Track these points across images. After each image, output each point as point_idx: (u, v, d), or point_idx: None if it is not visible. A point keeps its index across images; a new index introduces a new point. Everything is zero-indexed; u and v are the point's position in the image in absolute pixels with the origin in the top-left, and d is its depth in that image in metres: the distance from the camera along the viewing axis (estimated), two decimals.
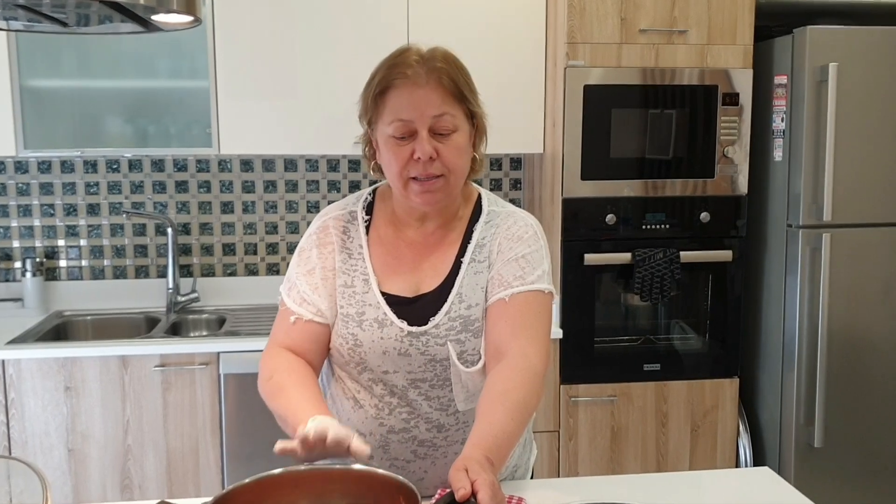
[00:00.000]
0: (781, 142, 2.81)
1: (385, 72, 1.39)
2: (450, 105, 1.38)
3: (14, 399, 2.54)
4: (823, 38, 2.68)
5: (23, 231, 3.09)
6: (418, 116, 1.36)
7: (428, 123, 1.37)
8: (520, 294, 1.41)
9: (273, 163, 3.17)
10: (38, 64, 2.78)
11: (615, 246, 2.80)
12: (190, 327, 3.04)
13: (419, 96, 1.36)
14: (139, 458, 2.61)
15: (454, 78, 1.39)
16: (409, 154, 1.38)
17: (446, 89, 1.38)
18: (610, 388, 2.84)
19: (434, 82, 1.37)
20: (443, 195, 1.42)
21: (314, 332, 1.46)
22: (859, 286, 2.77)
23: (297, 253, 1.52)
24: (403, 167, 1.39)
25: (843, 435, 2.80)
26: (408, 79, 1.37)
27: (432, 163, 1.38)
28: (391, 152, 1.40)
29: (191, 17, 1.26)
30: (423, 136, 1.37)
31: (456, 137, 1.40)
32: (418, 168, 1.38)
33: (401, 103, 1.37)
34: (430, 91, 1.37)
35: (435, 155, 1.37)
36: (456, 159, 1.40)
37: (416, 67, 1.37)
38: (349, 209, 1.53)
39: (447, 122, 1.38)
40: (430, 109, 1.36)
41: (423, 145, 1.36)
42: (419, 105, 1.36)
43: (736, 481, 1.59)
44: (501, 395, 1.28)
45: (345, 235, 1.50)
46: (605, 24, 2.71)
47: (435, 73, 1.37)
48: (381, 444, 1.48)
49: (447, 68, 1.39)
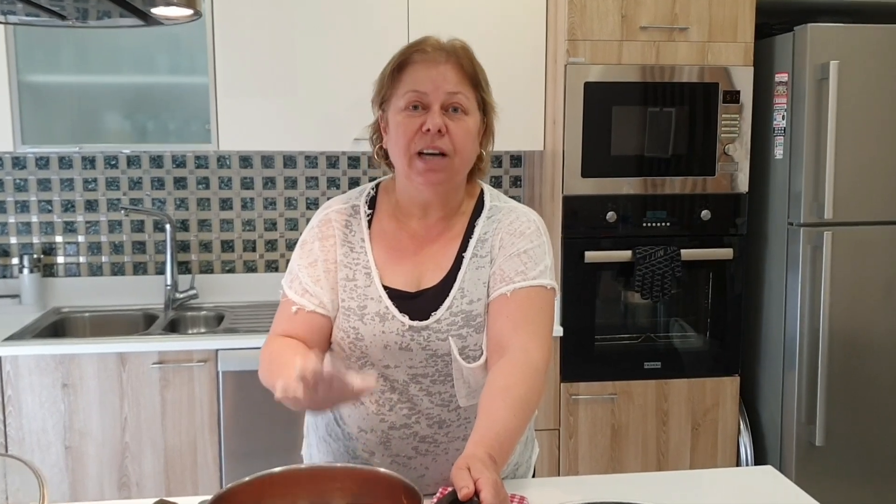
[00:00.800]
0: (782, 139, 2.81)
1: (405, 49, 1.43)
2: (465, 87, 1.41)
3: (11, 396, 2.53)
4: (824, 36, 2.67)
5: (20, 227, 3.08)
6: (433, 90, 1.38)
7: (442, 99, 1.39)
8: (522, 289, 1.41)
9: (272, 159, 3.16)
10: (37, 59, 2.76)
11: (615, 244, 2.79)
12: (188, 324, 3.03)
13: (437, 72, 1.39)
14: (137, 455, 2.60)
15: (472, 61, 1.44)
16: (419, 126, 1.38)
17: (464, 71, 1.41)
18: (610, 386, 2.83)
19: (453, 62, 1.41)
20: (445, 176, 1.41)
21: (315, 324, 1.45)
22: (860, 284, 2.76)
23: (299, 245, 1.52)
24: (411, 139, 1.39)
25: (845, 433, 2.79)
26: (427, 55, 1.41)
27: (440, 136, 1.38)
28: (401, 125, 1.40)
29: (191, 11, 1.25)
30: (435, 110, 1.39)
31: (466, 119, 1.42)
32: (426, 140, 1.38)
33: (418, 76, 1.40)
34: (449, 69, 1.40)
35: (444, 129, 1.38)
36: (464, 139, 1.41)
37: (437, 48, 1.42)
38: (351, 203, 1.53)
39: (460, 100, 1.40)
40: (446, 85, 1.39)
41: (434, 118, 1.38)
42: (436, 79, 1.39)
43: (740, 480, 1.58)
44: (503, 392, 1.27)
45: (347, 229, 1.49)
46: (605, 21, 2.70)
47: (454, 55, 1.42)
48: (382, 441, 1.47)
49: (465, 55, 1.43)
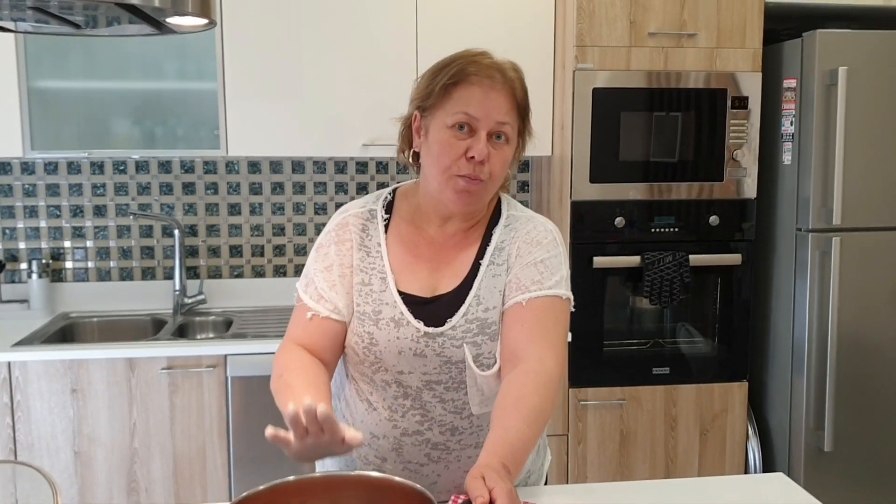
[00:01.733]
0: (790, 145, 2.80)
1: (463, 64, 1.40)
2: (513, 117, 1.41)
3: (20, 401, 2.53)
4: (833, 42, 2.67)
5: (29, 232, 3.08)
6: (484, 116, 1.38)
7: (490, 126, 1.38)
8: (537, 299, 1.41)
9: (280, 165, 3.16)
10: (46, 65, 2.77)
11: (623, 249, 2.79)
12: (197, 329, 3.03)
13: (492, 98, 1.38)
14: (146, 460, 2.60)
15: (525, 92, 1.44)
16: (464, 150, 1.38)
17: (517, 100, 1.41)
18: (619, 392, 2.83)
19: (508, 89, 1.40)
20: (477, 199, 1.43)
21: (330, 329, 1.45)
22: (869, 290, 2.76)
23: (314, 249, 1.51)
24: (454, 161, 1.39)
25: (854, 439, 2.79)
26: (486, 78, 1.39)
27: (482, 165, 1.38)
28: (445, 144, 1.40)
29: (205, 20, 1.25)
30: (482, 137, 1.38)
31: (506, 148, 1.42)
32: (468, 167, 1.38)
33: (472, 99, 1.38)
34: (503, 97, 1.39)
35: (487, 159, 1.38)
36: (501, 168, 1.42)
37: (494, 70, 1.40)
38: (368, 207, 1.53)
39: (506, 130, 1.40)
40: (498, 114, 1.38)
41: (481, 146, 1.37)
42: (489, 107, 1.38)
43: (751, 487, 1.58)
44: (517, 401, 1.27)
45: (363, 233, 1.49)
46: (614, 27, 2.70)
47: (510, 82, 1.41)
48: (395, 447, 1.47)
49: (519, 84, 1.43)
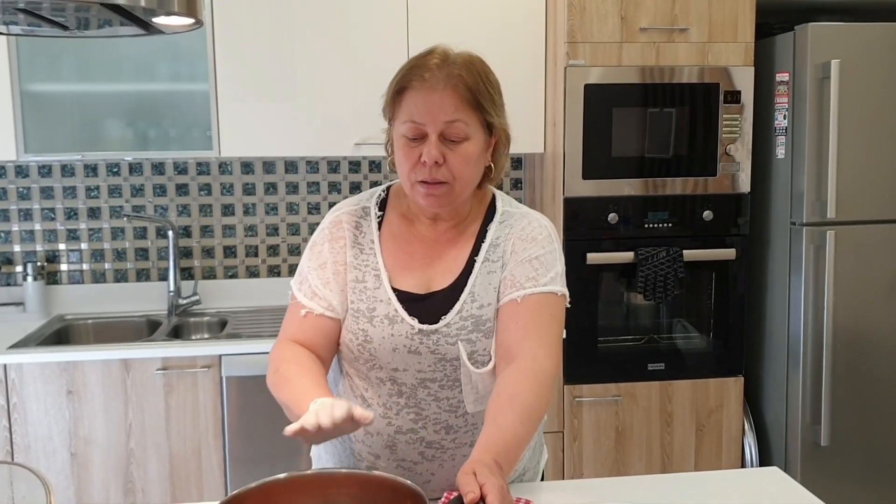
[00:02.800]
0: (784, 139, 2.80)
1: (405, 72, 1.40)
2: (464, 113, 1.37)
3: (16, 403, 2.53)
4: (825, 35, 2.67)
5: (24, 235, 3.08)
6: (430, 120, 1.36)
7: (439, 128, 1.36)
8: (532, 296, 1.40)
9: (273, 165, 3.16)
10: (39, 68, 2.77)
11: (617, 245, 2.79)
12: (191, 330, 3.03)
13: (433, 100, 1.36)
14: (142, 461, 2.60)
15: (472, 86, 1.38)
16: (418, 157, 1.38)
17: (462, 97, 1.37)
18: (614, 388, 2.83)
19: (450, 88, 1.36)
20: (447, 201, 1.42)
21: (325, 327, 1.45)
22: (864, 283, 2.76)
23: (309, 247, 1.52)
24: (411, 169, 1.39)
25: (850, 433, 2.79)
26: (424, 82, 1.36)
27: (438, 168, 1.37)
28: (402, 152, 1.40)
29: (192, 20, 1.25)
30: (432, 141, 1.37)
31: (466, 146, 1.39)
32: (424, 172, 1.38)
33: (415, 105, 1.37)
34: (446, 97, 1.36)
35: (441, 160, 1.37)
36: (462, 168, 1.39)
37: (435, 71, 1.37)
38: (362, 205, 1.53)
39: (459, 129, 1.37)
40: (443, 115, 1.36)
41: (430, 150, 1.36)
42: (432, 109, 1.36)
43: (746, 481, 1.58)
44: (511, 399, 1.27)
45: (357, 230, 1.49)
46: (605, 22, 2.70)
47: (452, 80, 1.36)
48: (389, 445, 1.47)
49: (465, 76, 1.37)
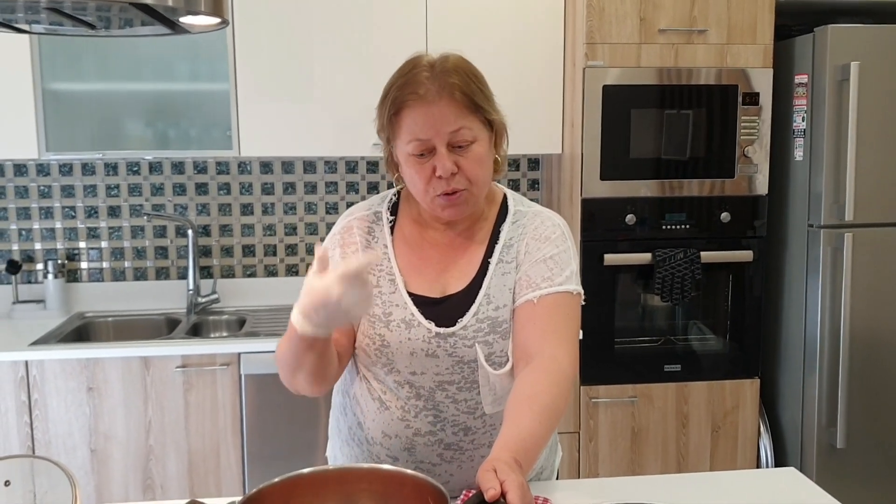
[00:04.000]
0: (802, 141, 2.80)
1: (397, 92, 1.37)
2: (465, 118, 1.36)
3: (37, 400, 2.56)
4: (845, 37, 2.66)
5: (44, 233, 3.12)
6: (435, 134, 1.35)
7: (446, 139, 1.35)
8: (548, 296, 1.40)
9: (292, 165, 3.18)
10: (60, 67, 2.80)
11: (634, 246, 2.79)
12: (210, 328, 3.06)
13: (434, 114, 1.34)
14: (161, 458, 2.62)
15: (467, 90, 1.36)
16: (431, 171, 1.37)
17: (460, 103, 1.35)
18: (630, 389, 2.83)
19: (447, 97, 1.35)
20: (468, 206, 1.43)
21: (336, 333, 1.44)
22: (882, 286, 2.75)
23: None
24: (427, 184, 1.38)
25: (866, 436, 2.78)
26: (420, 98, 1.34)
27: (454, 177, 1.37)
28: (413, 170, 1.39)
29: (218, 19, 1.27)
30: (443, 153, 1.35)
31: (475, 148, 1.38)
32: (441, 185, 1.37)
33: (416, 123, 1.35)
34: (444, 107, 1.34)
35: (456, 169, 1.36)
36: (477, 170, 1.39)
37: (428, 84, 1.35)
38: (374, 209, 1.53)
39: (464, 135, 1.36)
40: (446, 126, 1.35)
41: (444, 162, 1.35)
42: (435, 123, 1.34)
43: (762, 482, 1.58)
44: (530, 399, 1.27)
45: (369, 236, 1.49)
46: (624, 24, 2.70)
47: (447, 89, 1.35)
48: (407, 447, 1.47)
49: (459, 81, 1.36)
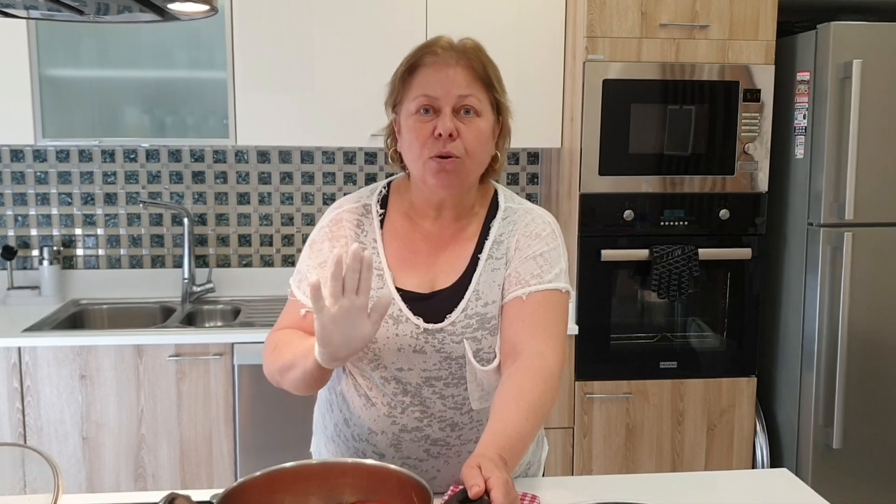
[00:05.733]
0: (803, 139, 2.78)
1: (415, 52, 1.41)
2: (476, 88, 1.39)
3: (30, 387, 2.55)
4: (848, 34, 2.64)
5: (40, 219, 3.10)
6: (444, 94, 1.37)
7: (453, 102, 1.37)
8: (537, 293, 1.40)
9: (290, 154, 3.17)
10: (58, 53, 2.78)
11: (632, 242, 2.77)
12: (205, 318, 3.05)
13: (447, 74, 1.37)
14: (153, 447, 2.61)
15: (484, 63, 1.41)
16: (431, 130, 1.37)
17: (475, 72, 1.39)
18: (625, 386, 2.82)
19: (464, 63, 1.39)
20: (458, 178, 1.40)
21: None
22: (881, 286, 2.73)
23: (308, 245, 1.50)
24: (424, 144, 1.38)
25: (863, 436, 2.76)
26: (438, 57, 1.39)
27: (452, 140, 1.37)
28: (413, 129, 1.39)
29: (206, 7, 1.25)
30: (447, 113, 1.37)
31: (478, 121, 1.39)
32: (438, 145, 1.37)
33: (428, 80, 1.38)
34: (459, 71, 1.38)
35: (455, 133, 1.37)
36: (475, 142, 1.39)
37: (448, 49, 1.40)
38: (363, 202, 1.51)
39: (472, 102, 1.38)
40: (457, 88, 1.37)
41: (445, 121, 1.36)
42: (446, 83, 1.37)
43: (755, 482, 1.57)
44: (517, 396, 1.26)
45: (358, 229, 1.47)
46: (625, 18, 2.68)
47: (465, 57, 1.39)
48: (394, 443, 1.46)
49: (477, 54, 1.41)
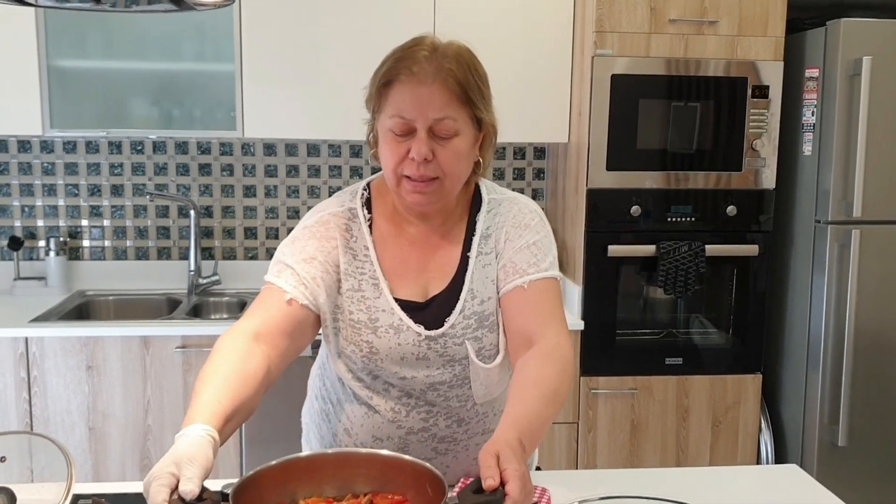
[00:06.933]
0: (811, 136, 2.77)
1: (392, 63, 1.34)
2: (453, 108, 1.32)
3: (37, 377, 2.55)
4: (857, 31, 2.64)
5: (47, 210, 3.10)
6: (419, 116, 1.31)
7: (428, 124, 1.31)
8: (538, 281, 1.39)
9: (296, 147, 3.16)
10: (66, 44, 2.78)
11: (639, 238, 2.77)
12: (211, 310, 3.05)
13: (422, 95, 1.30)
14: (159, 438, 2.62)
15: (462, 80, 1.32)
16: (406, 152, 1.32)
17: (451, 92, 1.31)
18: (630, 381, 2.82)
19: (440, 83, 1.30)
20: (436, 198, 1.37)
21: (301, 320, 1.35)
22: (888, 284, 2.73)
23: (289, 243, 1.41)
24: (398, 164, 1.33)
25: (868, 434, 2.77)
26: (413, 75, 1.31)
27: (427, 164, 1.32)
28: (388, 147, 1.34)
29: None
30: (421, 137, 1.31)
31: (456, 142, 1.33)
32: (412, 168, 1.32)
33: (403, 99, 1.31)
34: (435, 92, 1.30)
35: (430, 157, 1.31)
36: (453, 163, 1.34)
37: (424, 64, 1.31)
38: (347, 206, 1.44)
39: (448, 126, 1.32)
40: (432, 111, 1.31)
41: (420, 146, 1.31)
42: (421, 104, 1.30)
43: (764, 478, 1.57)
44: (537, 382, 1.25)
45: (348, 234, 1.42)
46: (634, 13, 2.68)
47: (442, 74, 1.31)
48: (400, 447, 1.44)
49: (455, 70, 1.32)
